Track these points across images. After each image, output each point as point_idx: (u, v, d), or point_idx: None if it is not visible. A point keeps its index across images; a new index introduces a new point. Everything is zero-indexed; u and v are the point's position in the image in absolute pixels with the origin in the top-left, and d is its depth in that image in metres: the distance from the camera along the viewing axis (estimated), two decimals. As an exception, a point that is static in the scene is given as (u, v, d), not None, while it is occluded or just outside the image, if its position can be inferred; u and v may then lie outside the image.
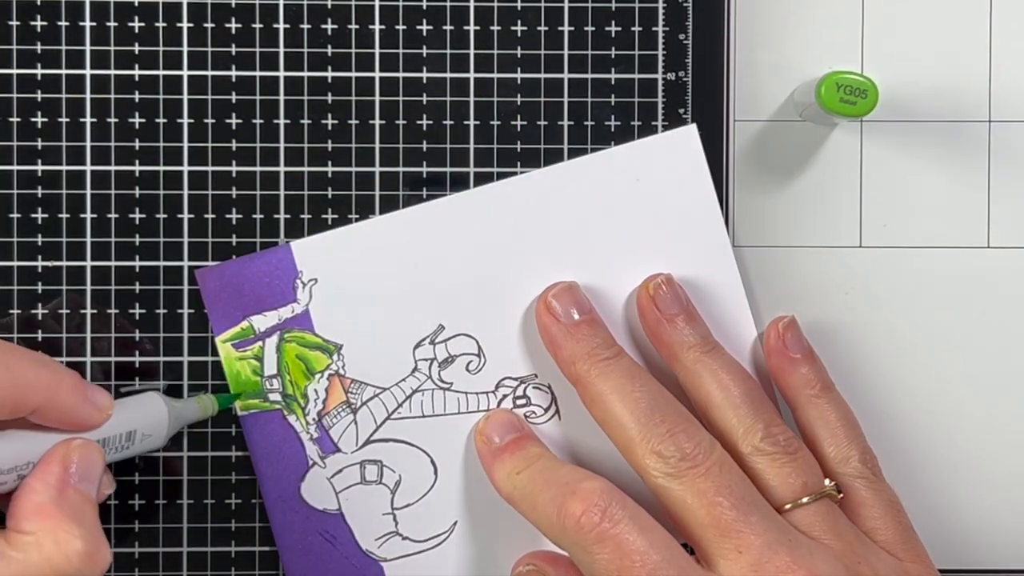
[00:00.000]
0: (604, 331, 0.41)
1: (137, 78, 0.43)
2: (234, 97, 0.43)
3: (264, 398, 0.42)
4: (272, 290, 0.42)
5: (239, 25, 0.43)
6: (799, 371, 0.42)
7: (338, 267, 0.42)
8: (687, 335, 0.41)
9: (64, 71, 0.43)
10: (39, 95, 0.43)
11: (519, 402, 0.43)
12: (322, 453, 0.42)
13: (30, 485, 0.34)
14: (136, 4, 0.43)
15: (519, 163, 0.43)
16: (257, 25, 0.43)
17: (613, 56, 0.43)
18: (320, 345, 0.42)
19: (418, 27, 0.43)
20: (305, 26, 0.43)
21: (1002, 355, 0.44)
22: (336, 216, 0.43)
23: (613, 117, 0.43)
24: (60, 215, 0.43)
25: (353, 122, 0.43)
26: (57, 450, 0.35)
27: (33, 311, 0.42)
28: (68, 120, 0.42)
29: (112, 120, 0.43)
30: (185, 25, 0.43)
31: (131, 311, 0.43)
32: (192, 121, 0.43)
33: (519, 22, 0.43)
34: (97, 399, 0.36)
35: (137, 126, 0.43)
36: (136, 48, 0.43)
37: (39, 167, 0.42)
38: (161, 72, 0.43)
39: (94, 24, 0.43)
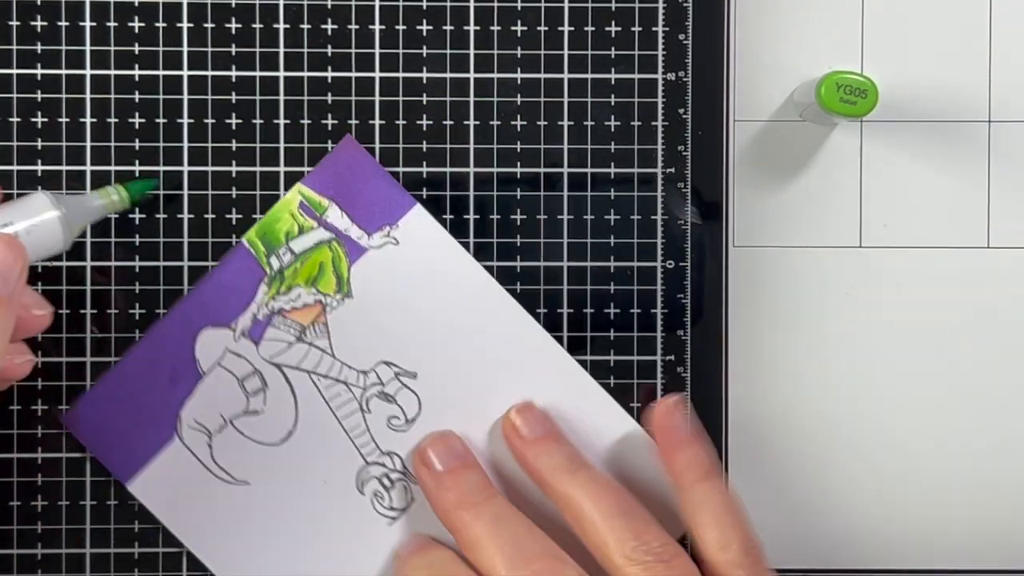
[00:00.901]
0: (478, 475, 0.41)
1: (137, 78, 0.43)
2: (234, 97, 0.43)
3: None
4: (383, 209, 0.42)
5: (239, 25, 0.43)
6: (686, 452, 0.41)
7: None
8: (552, 457, 0.41)
9: (64, 71, 0.43)
10: (39, 95, 0.43)
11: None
12: (247, 329, 0.42)
13: None
14: (136, 4, 0.43)
15: (519, 163, 0.43)
16: (257, 25, 0.43)
17: (613, 56, 0.43)
18: (340, 280, 0.42)
19: (418, 27, 0.43)
20: (305, 26, 0.43)
21: (1002, 355, 0.44)
22: (336, 216, 0.43)
23: (613, 117, 0.43)
24: (60, 215, 0.43)
25: (353, 122, 0.43)
26: None
27: (33, 311, 0.42)
28: (68, 120, 0.42)
29: (112, 120, 0.43)
30: (185, 25, 0.43)
31: (131, 311, 0.43)
32: (192, 121, 0.43)
33: (519, 22, 0.43)
34: None
35: (137, 126, 0.43)
36: (136, 48, 0.43)
37: (39, 167, 0.42)
38: (161, 72, 0.43)
39: (94, 24, 0.43)
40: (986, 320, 0.44)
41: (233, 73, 0.43)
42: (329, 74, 0.43)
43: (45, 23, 0.43)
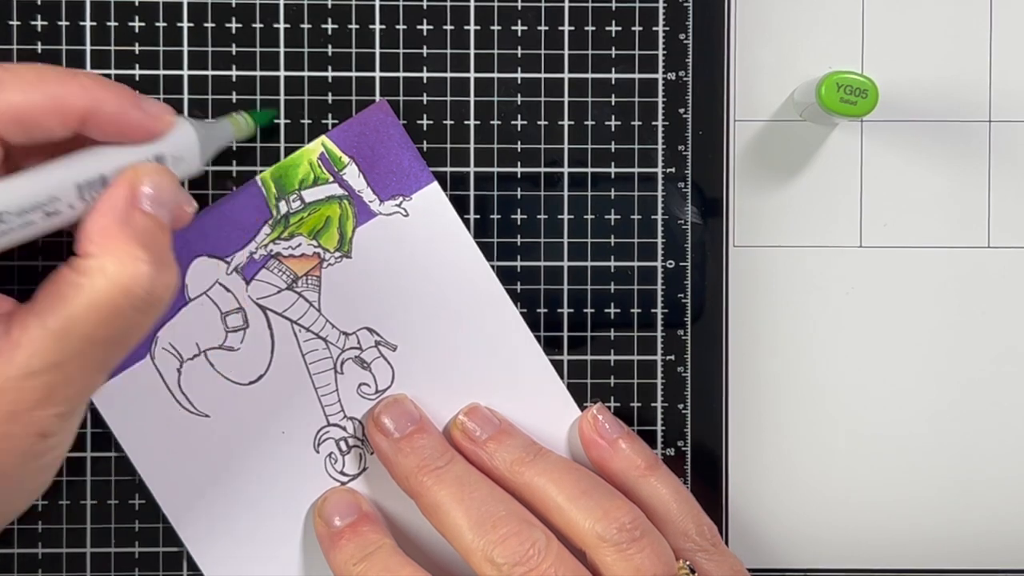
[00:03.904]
0: (435, 439, 0.41)
1: (137, 78, 0.43)
2: (234, 97, 0.43)
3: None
4: (400, 179, 0.42)
5: (239, 25, 0.43)
6: (621, 454, 0.41)
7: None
8: (509, 451, 0.41)
9: (64, 71, 0.42)
10: (39, 95, 0.42)
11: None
12: (241, 266, 0.42)
13: (97, 209, 0.33)
14: (136, 4, 0.43)
15: (519, 163, 0.43)
16: (257, 25, 0.43)
17: (613, 56, 0.43)
18: (343, 238, 0.42)
19: (418, 27, 0.43)
20: (305, 26, 0.43)
21: (1003, 355, 0.44)
22: (336, 216, 0.43)
23: (613, 117, 0.43)
24: (60, 215, 0.43)
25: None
26: (125, 175, 0.34)
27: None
28: (68, 120, 0.42)
29: (112, 120, 0.43)
30: (185, 25, 0.43)
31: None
32: (192, 121, 0.43)
33: (519, 22, 0.43)
34: (150, 107, 0.35)
35: (137, 126, 0.43)
36: (136, 48, 0.43)
37: (39, 167, 0.42)
38: (161, 72, 0.43)
39: (94, 24, 0.43)
40: (986, 320, 0.44)
41: (233, 73, 0.43)
42: (329, 74, 0.43)
43: (45, 23, 0.43)
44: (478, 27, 0.43)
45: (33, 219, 0.32)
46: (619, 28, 0.43)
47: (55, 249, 0.42)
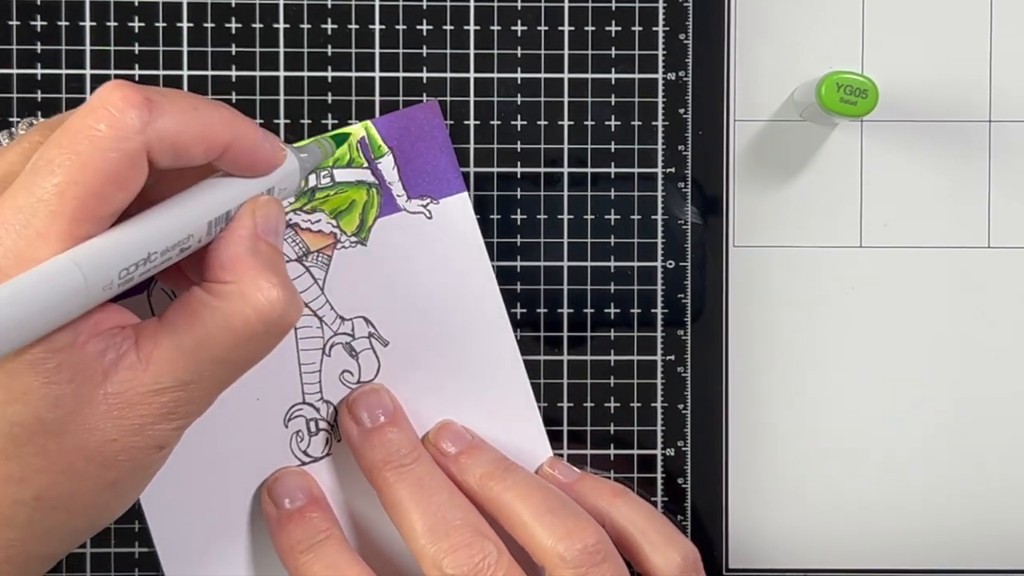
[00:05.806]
0: (404, 434, 0.41)
1: (137, 78, 0.43)
2: (234, 97, 0.43)
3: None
4: (432, 181, 0.42)
5: (239, 25, 0.43)
6: (582, 487, 0.42)
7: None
8: (480, 466, 0.41)
9: (64, 71, 0.43)
10: (39, 95, 0.43)
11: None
12: None
13: (225, 239, 0.34)
14: (136, 4, 0.43)
15: (519, 163, 0.43)
16: (257, 25, 0.43)
17: (613, 56, 0.43)
18: (363, 225, 0.42)
19: (418, 27, 0.43)
20: (305, 26, 0.43)
21: (1002, 355, 0.44)
22: (336, 216, 0.43)
23: (613, 117, 0.43)
24: (60, 215, 0.43)
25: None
26: (247, 208, 0.35)
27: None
28: (68, 120, 0.43)
29: (112, 120, 0.43)
30: (185, 25, 0.43)
31: (131, 311, 0.43)
32: (192, 121, 0.43)
33: (519, 22, 0.43)
34: (272, 139, 0.36)
35: (137, 126, 0.43)
36: (136, 48, 0.43)
37: (39, 167, 0.42)
38: (161, 72, 0.43)
39: (94, 24, 0.43)
40: (986, 320, 0.44)
41: (233, 73, 0.43)
42: (329, 74, 0.43)
43: (45, 23, 0.43)
44: (478, 27, 0.43)
45: (171, 255, 0.33)
46: (619, 28, 0.43)
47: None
